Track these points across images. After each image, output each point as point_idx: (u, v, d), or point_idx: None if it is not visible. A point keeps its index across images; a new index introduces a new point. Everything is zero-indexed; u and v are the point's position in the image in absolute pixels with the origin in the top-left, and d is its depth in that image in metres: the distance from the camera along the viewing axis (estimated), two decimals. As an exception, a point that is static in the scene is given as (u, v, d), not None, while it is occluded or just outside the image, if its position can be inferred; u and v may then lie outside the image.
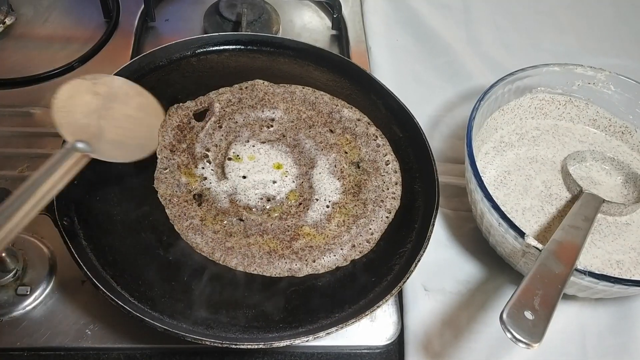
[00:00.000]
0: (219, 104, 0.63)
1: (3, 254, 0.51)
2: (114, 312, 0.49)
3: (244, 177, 0.58)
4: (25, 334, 0.50)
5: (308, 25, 0.85)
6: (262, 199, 0.57)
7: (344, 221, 0.56)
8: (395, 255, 0.55)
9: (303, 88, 0.66)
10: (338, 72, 0.69)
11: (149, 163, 0.57)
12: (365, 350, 0.54)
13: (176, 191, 0.56)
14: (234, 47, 0.70)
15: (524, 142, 0.66)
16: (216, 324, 0.48)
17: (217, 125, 0.62)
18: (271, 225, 0.55)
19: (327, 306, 0.51)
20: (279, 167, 0.60)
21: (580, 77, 0.66)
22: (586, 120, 0.68)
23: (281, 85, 0.66)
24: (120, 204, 0.54)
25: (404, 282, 0.50)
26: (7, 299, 0.52)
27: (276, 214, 0.56)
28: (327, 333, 0.47)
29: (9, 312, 0.51)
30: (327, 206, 0.57)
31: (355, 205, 0.58)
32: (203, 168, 0.58)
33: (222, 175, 0.58)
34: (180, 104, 0.62)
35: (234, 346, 0.46)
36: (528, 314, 0.41)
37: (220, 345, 0.46)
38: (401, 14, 0.86)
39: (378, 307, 0.49)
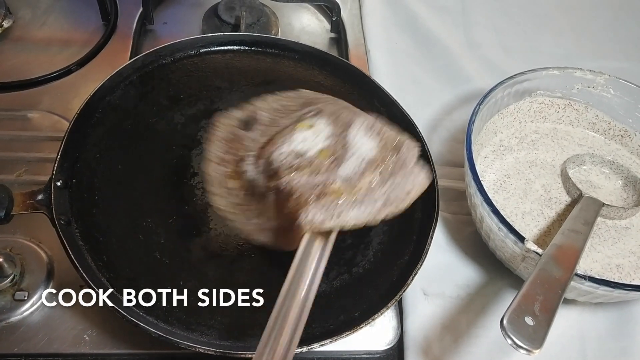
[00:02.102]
0: (265, 112, 0.59)
1: (0, 259, 0.51)
2: (112, 318, 0.49)
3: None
4: (23, 339, 0.50)
5: (307, 28, 0.84)
6: (290, 155, 0.52)
7: (376, 178, 0.51)
8: (393, 266, 0.54)
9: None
10: (342, 76, 0.68)
11: (149, 162, 0.57)
12: (365, 355, 0.53)
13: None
14: (238, 47, 0.70)
15: (523, 145, 0.66)
16: (211, 331, 0.48)
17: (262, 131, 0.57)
18: (297, 182, 0.50)
19: (322, 316, 0.50)
20: (310, 126, 0.54)
21: (580, 81, 0.66)
22: (585, 124, 0.68)
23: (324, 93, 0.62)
24: (118, 204, 0.54)
25: (401, 295, 0.50)
26: (5, 304, 0.51)
27: (306, 170, 0.51)
28: (321, 345, 0.46)
29: (6, 317, 0.51)
30: (361, 163, 0.52)
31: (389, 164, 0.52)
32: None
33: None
34: (225, 111, 0.58)
35: (228, 354, 0.45)
36: (528, 320, 0.41)
37: (214, 352, 0.45)
38: (400, 16, 0.86)
39: (374, 319, 0.48)
